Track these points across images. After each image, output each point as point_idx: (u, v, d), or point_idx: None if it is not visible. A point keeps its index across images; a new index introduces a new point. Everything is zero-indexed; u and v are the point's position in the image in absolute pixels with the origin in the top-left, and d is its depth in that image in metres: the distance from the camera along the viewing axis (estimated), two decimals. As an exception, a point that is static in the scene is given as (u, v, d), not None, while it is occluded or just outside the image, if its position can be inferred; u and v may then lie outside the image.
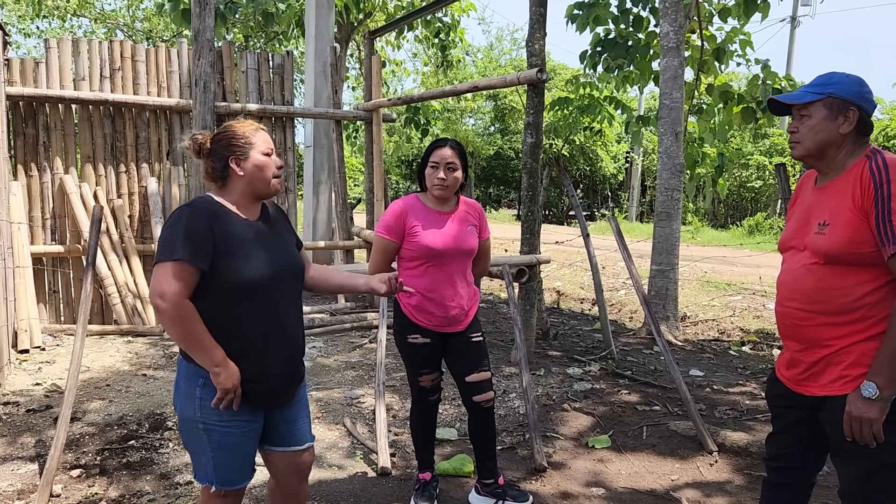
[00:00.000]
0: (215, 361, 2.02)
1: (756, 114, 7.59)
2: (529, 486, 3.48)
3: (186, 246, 1.96)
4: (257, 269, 2.08)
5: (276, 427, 2.27)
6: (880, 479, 1.97)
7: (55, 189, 6.64)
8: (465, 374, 3.10)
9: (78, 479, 3.43)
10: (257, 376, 2.10)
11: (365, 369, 5.42)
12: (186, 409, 2.11)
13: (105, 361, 5.54)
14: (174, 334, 2.00)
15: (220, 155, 2.14)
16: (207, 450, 2.12)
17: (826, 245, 1.99)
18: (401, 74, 16.44)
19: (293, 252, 2.29)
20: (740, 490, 3.45)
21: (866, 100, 2.03)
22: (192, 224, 1.99)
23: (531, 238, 5.44)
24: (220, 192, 2.16)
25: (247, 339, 2.09)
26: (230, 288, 2.05)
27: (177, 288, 1.95)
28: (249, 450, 2.21)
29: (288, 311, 2.19)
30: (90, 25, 17.59)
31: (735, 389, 5.14)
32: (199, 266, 1.99)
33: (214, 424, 2.09)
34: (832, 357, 2.02)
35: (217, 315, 2.04)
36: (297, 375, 2.27)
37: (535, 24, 5.24)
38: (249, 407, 2.13)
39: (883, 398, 1.88)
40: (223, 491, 2.17)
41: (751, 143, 24.43)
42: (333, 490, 3.41)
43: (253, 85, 7.33)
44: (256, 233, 2.14)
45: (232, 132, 2.16)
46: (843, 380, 2.00)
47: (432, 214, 3.03)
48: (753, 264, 12.31)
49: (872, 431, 1.91)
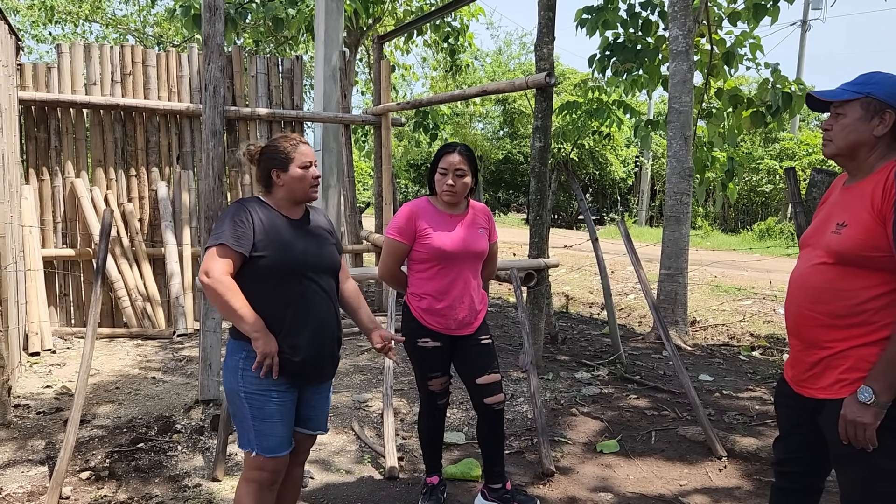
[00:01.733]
0: (255, 328, 2.31)
1: (766, 118, 7.54)
2: (537, 490, 3.47)
3: (231, 233, 2.33)
4: (291, 258, 2.40)
5: (299, 408, 2.54)
6: (880, 486, 1.96)
7: (66, 193, 6.69)
8: (476, 377, 3.10)
9: (87, 482, 3.45)
10: (292, 349, 2.39)
11: (373, 373, 5.42)
12: (230, 381, 2.42)
13: (115, 364, 5.57)
14: (218, 305, 2.31)
15: (265, 165, 2.49)
16: (248, 417, 2.40)
17: (838, 245, 1.98)
18: (410, 79, 16.47)
19: (330, 250, 2.57)
20: (749, 496, 3.43)
21: None
22: (237, 216, 2.37)
23: (539, 242, 5.43)
24: (266, 195, 2.52)
25: (280, 316, 2.39)
26: (269, 272, 2.37)
27: (220, 266, 2.30)
28: (286, 420, 2.46)
29: (320, 298, 2.48)
30: (102, 30, 17.72)
31: (745, 395, 5.11)
32: (241, 251, 2.33)
33: (254, 392, 2.39)
34: (830, 360, 2.02)
35: (256, 295, 2.36)
36: (331, 357, 2.55)
37: (543, 29, 5.24)
38: (285, 379, 2.41)
39: (878, 404, 1.88)
40: (263, 457, 2.43)
41: (761, 147, 24.31)
42: (342, 494, 3.41)
43: (262, 89, 7.37)
44: (295, 229, 2.47)
45: (275, 146, 2.49)
46: (840, 383, 1.99)
47: (443, 217, 3.03)
48: (764, 269, 12.24)
49: (866, 436, 1.90)
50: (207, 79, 4.29)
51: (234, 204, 2.44)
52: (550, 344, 6.34)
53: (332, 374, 2.64)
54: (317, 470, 3.66)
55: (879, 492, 1.96)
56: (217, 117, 4.32)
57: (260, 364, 2.33)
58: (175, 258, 6.73)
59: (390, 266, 3.11)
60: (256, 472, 2.46)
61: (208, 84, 4.30)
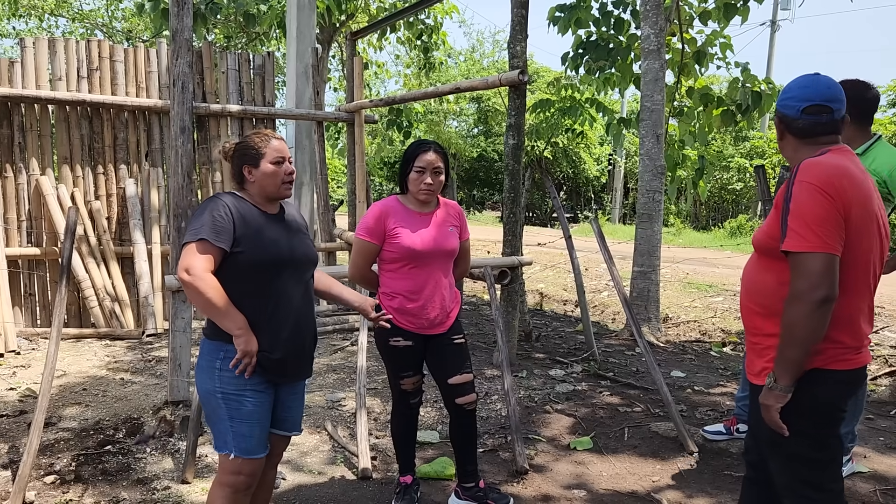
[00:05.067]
0: (238, 325, 2.28)
1: (736, 116, 7.64)
2: (511, 489, 3.47)
3: (211, 228, 2.26)
4: (271, 253, 2.35)
5: (274, 408, 2.50)
6: (801, 472, 2.07)
7: (31, 191, 6.53)
8: (448, 377, 3.08)
9: (52, 486, 3.37)
10: (271, 346, 2.36)
11: (346, 372, 5.38)
12: (206, 383, 2.36)
13: (82, 366, 5.46)
14: (199, 303, 2.25)
15: (237, 162, 2.45)
16: (225, 418, 2.35)
17: (755, 237, 2.14)
18: (383, 76, 16.39)
19: (308, 243, 2.55)
20: (721, 491, 3.46)
21: (787, 106, 2.10)
22: (216, 211, 2.30)
23: (513, 240, 5.43)
24: (240, 192, 2.48)
25: (262, 312, 2.35)
26: (248, 268, 2.32)
27: (201, 263, 2.23)
28: (263, 421, 2.42)
29: (299, 294, 2.45)
30: (68, 25, 17.36)
31: (716, 390, 5.17)
32: (221, 246, 2.27)
33: (231, 393, 2.34)
34: (759, 348, 2.13)
35: (234, 291, 2.30)
36: (308, 352, 2.52)
37: (517, 27, 5.24)
38: (262, 377, 2.37)
39: (778, 388, 1.98)
40: (241, 459, 2.37)
41: (731, 145, 24.64)
42: (314, 494, 3.37)
43: (233, 86, 7.27)
44: (273, 224, 2.43)
45: (246, 142, 2.44)
46: (765, 371, 2.09)
47: (413, 216, 3.01)
48: (735, 265, 12.39)
49: (771, 419, 2.01)
50: (176, 74, 4.22)
51: (211, 198, 2.39)
52: (525, 341, 6.35)
53: (310, 372, 2.61)
54: (289, 471, 3.62)
55: (804, 478, 2.07)
56: (186, 113, 4.25)
57: (237, 362, 2.30)
58: (144, 257, 6.61)
59: (361, 266, 3.07)
60: (233, 476, 2.40)
61: (177, 80, 4.22)
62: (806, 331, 1.91)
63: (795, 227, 1.92)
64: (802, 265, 1.91)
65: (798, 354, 1.94)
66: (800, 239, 1.90)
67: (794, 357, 1.95)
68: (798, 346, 1.93)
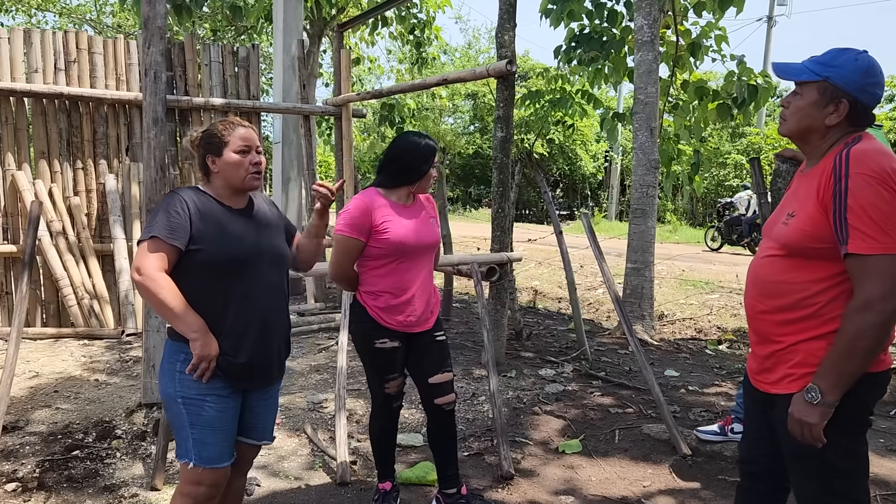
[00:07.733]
0: (193, 328, 2.14)
1: (731, 110, 7.48)
2: (495, 495, 3.31)
3: (164, 226, 2.13)
4: (232, 251, 2.21)
5: (242, 415, 2.35)
6: (833, 485, 1.88)
7: (7, 186, 6.35)
8: (428, 376, 2.93)
9: (13, 494, 3.20)
10: (235, 351, 2.21)
11: (330, 372, 5.21)
12: (167, 386, 2.23)
13: (57, 366, 5.29)
14: (153, 304, 2.14)
15: (201, 152, 2.32)
16: (186, 425, 2.21)
17: (785, 236, 1.90)
18: (376, 72, 16.20)
19: (277, 240, 2.40)
20: (714, 496, 3.31)
21: (866, 92, 1.85)
22: (172, 207, 2.17)
23: (502, 236, 5.27)
24: (206, 185, 2.34)
25: (223, 315, 2.20)
26: (207, 267, 2.18)
27: (152, 262, 2.11)
28: (228, 428, 2.27)
29: (267, 293, 2.30)
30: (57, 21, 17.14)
31: (711, 390, 5.01)
32: (176, 244, 2.14)
33: (192, 397, 2.19)
34: (781, 354, 1.93)
35: (196, 291, 2.18)
36: (277, 355, 2.37)
37: (504, 15, 5.07)
38: (226, 382, 2.22)
39: (824, 403, 1.78)
40: (201, 468, 2.22)
41: (728, 141, 24.52)
42: (289, 501, 3.23)
43: (217, 79, 7.09)
44: (237, 219, 2.28)
45: (211, 131, 2.30)
46: (788, 378, 1.91)
47: (398, 209, 2.85)
48: (731, 262, 12.27)
49: (813, 435, 1.81)
50: (148, 63, 4.04)
51: (169, 194, 2.25)
52: (515, 340, 6.19)
53: (280, 378, 2.46)
54: (264, 476, 3.46)
55: (833, 491, 1.89)
56: (159, 104, 4.08)
57: (195, 367, 2.16)
58: (124, 254, 6.43)
59: (345, 265, 2.86)
60: (193, 486, 2.24)
61: (149, 69, 4.05)
62: (873, 342, 1.73)
63: (861, 227, 1.71)
64: (874, 269, 1.71)
65: (858, 368, 1.75)
66: (870, 240, 1.70)
67: (853, 370, 1.75)
68: (861, 358, 1.74)
